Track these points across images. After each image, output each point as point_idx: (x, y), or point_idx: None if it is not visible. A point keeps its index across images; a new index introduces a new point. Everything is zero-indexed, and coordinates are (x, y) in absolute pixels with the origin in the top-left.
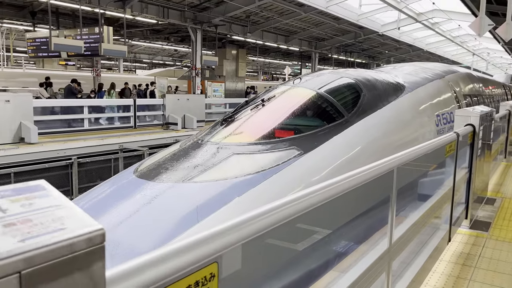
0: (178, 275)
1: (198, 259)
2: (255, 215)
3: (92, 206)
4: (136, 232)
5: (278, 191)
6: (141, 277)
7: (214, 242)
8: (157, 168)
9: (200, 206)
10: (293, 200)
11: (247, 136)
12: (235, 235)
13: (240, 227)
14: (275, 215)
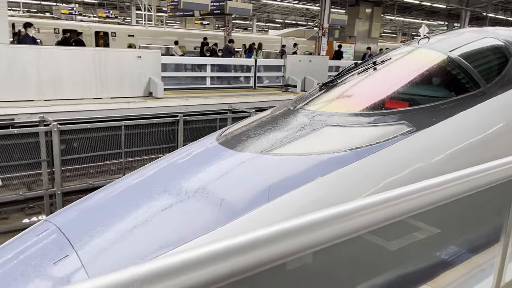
0: None
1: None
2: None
3: (169, 166)
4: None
5: (372, 175)
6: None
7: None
8: (240, 136)
9: (274, 184)
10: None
11: (347, 105)
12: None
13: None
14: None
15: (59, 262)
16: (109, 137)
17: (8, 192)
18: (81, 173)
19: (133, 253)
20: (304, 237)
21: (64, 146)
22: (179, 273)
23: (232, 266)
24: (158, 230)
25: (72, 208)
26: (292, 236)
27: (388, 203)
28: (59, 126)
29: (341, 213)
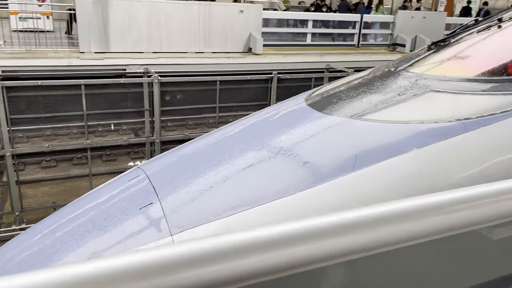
0: None
1: None
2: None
3: (254, 124)
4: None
5: (480, 152)
6: None
7: None
8: (331, 97)
9: (361, 152)
10: None
11: (459, 68)
12: None
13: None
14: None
15: (144, 208)
16: (205, 91)
17: (118, 136)
18: (180, 124)
19: (209, 209)
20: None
21: (169, 97)
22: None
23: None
24: (236, 188)
25: (162, 157)
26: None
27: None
28: (159, 78)
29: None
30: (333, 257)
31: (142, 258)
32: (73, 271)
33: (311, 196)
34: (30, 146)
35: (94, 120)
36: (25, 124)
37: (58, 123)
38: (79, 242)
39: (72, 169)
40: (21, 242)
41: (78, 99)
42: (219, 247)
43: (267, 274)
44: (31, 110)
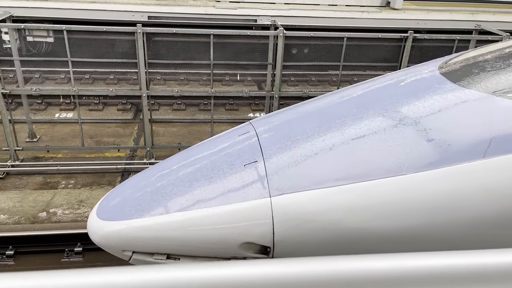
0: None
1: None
2: None
3: (373, 90)
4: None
5: None
6: None
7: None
8: (470, 67)
9: (498, 137)
10: None
11: None
12: None
13: None
14: None
15: (249, 165)
16: (331, 47)
17: (242, 87)
18: (302, 79)
19: (311, 177)
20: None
21: (295, 50)
22: None
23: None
24: (342, 159)
25: (274, 115)
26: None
27: None
28: (285, 32)
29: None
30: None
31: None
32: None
33: (424, 181)
34: (162, 89)
35: (222, 69)
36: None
37: (189, 69)
38: (187, 189)
39: (198, 114)
40: (142, 178)
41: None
42: None
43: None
44: (167, 55)
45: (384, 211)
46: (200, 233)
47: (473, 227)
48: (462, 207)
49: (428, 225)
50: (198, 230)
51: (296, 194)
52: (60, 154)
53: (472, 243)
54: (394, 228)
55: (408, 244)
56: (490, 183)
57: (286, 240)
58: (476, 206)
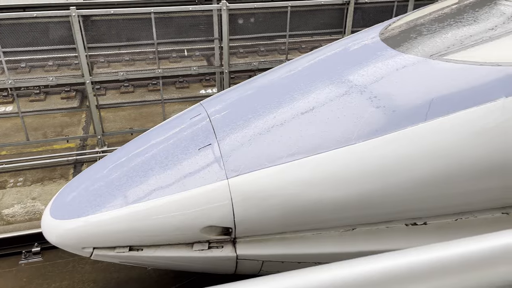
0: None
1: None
2: None
3: (318, 62)
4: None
5: None
6: None
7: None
8: (409, 31)
9: (437, 99)
10: None
11: None
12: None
13: None
14: None
15: (203, 148)
16: (277, 16)
17: (191, 62)
18: (252, 50)
19: (265, 154)
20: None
21: (241, 21)
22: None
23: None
24: (294, 134)
25: (224, 95)
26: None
27: None
28: (228, 5)
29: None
30: None
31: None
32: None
33: (373, 148)
34: (107, 73)
35: (167, 46)
36: (104, 50)
37: (134, 49)
38: (143, 179)
39: (148, 95)
40: (95, 172)
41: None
42: None
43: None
44: (108, 36)
45: (338, 180)
46: (160, 222)
47: (422, 187)
48: (411, 169)
49: (380, 189)
50: (158, 219)
51: (253, 173)
52: (4, 151)
53: (423, 202)
54: (348, 195)
55: (363, 209)
56: (433, 144)
57: (246, 219)
58: (424, 167)
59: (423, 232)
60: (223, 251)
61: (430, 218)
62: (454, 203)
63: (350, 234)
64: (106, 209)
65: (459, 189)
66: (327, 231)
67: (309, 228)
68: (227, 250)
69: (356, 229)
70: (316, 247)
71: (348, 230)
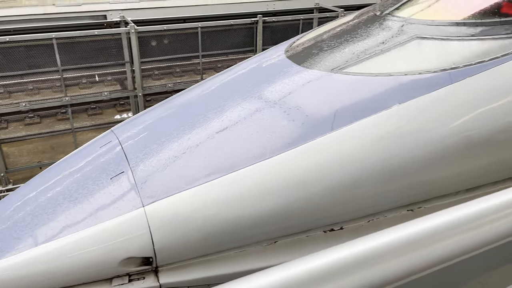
0: None
1: None
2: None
3: (229, 82)
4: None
5: (465, 106)
6: None
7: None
8: (312, 48)
9: (341, 110)
10: None
11: (447, 10)
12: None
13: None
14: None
15: (115, 177)
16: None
17: (103, 87)
18: (168, 72)
19: (182, 177)
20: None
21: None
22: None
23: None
24: (210, 153)
25: (136, 119)
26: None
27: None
28: (136, 27)
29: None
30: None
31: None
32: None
33: (287, 160)
34: (6, 106)
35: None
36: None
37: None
38: (51, 216)
39: (57, 124)
40: None
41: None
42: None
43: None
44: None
45: (255, 196)
46: (73, 260)
47: (335, 193)
48: (323, 177)
49: (297, 200)
50: (71, 257)
51: (170, 198)
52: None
53: (338, 208)
54: (267, 209)
55: (283, 222)
56: (341, 152)
57: (167, 246)
58: (334, 174)
59: (340, 237)
60: (145, 282)
61: (346, 223)
62: (366, 205)
63: (273, 247)
64: (10, 254)
65: (368, 192)
66: (250, 247)
67: (232, 247)
68: (149, 281)
69: (278, 241)
70: (241, 264)
71: (271, 244)
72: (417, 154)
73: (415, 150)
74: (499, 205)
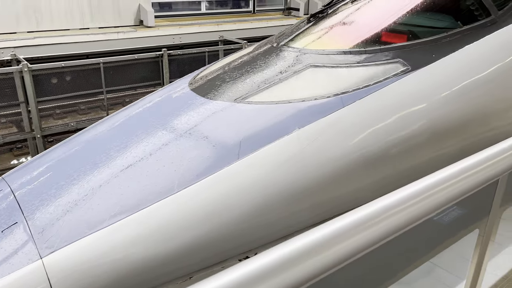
0: None
1: None
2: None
3: (131, 118)
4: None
5: (357, 125)
6: None
7: None
8: (215, 80)
9: (245, 139)
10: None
11: (337, 40)
12: None
13: None
14: None
15: (7, 230)
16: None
17: None
18: (72, 110)
19: (84, 222)
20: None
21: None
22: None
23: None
24: (114, 193)
25: (32, 163)
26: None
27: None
28: (30, 66)
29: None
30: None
31: None
32: None
33: (196, 192)
34: None
35: None
36: None
37: None
38: None
39: None
40: None
41: None
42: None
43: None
44: None
45: (165, 233)
46: None
47: (247, 220)
48: (234, 206)
49: (209, 232)
50: None
51: (71, 246)
52: None
53: (251, 235)
54: (178, 245)
55: (195, 255)
56: (248, 178)
57: None
58: (243, 202)
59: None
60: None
61: (260, 248)
62: (278, 228)
63: (188, 283)
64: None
65: (280, 215)
66: (165, 286)
67: (146, 287)
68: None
69: (193, 277)
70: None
71: (186, 280)
72: (321, 173)
73: (318, 169)
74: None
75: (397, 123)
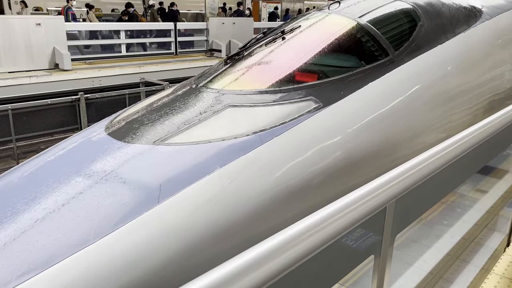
0: None
1: None
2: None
3: (43, 167)
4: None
5: (276, 161)
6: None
7: None
8: (133, 122)
9: (166, 181)
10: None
11: (253, 81)
12: None
13: None
14: None
15: None
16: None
17: None
18: None
19: None
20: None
21: None
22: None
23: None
24: (22, 251)
25: None
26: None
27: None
28: None
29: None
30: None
31: None
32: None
33: (114, 241)
34: None
35: None
36: None
37: None
38: None
39: None
40: None
41: None
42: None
43: None
44: None
45: (82, 286)
46: None
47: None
48: (156, 252)
49: (132, 281)
50: None
51: None
52: None
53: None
54: None
55: None
56: (170, 222)
57: None
58: (164, 248)
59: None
60: None
61: None
62: (204, 271)
63: None
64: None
65: (205, 256)
66: None
67: None
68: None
69: None
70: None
71: None
72: (244, 210)
73: (240, 207)
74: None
75: (314, 155)
